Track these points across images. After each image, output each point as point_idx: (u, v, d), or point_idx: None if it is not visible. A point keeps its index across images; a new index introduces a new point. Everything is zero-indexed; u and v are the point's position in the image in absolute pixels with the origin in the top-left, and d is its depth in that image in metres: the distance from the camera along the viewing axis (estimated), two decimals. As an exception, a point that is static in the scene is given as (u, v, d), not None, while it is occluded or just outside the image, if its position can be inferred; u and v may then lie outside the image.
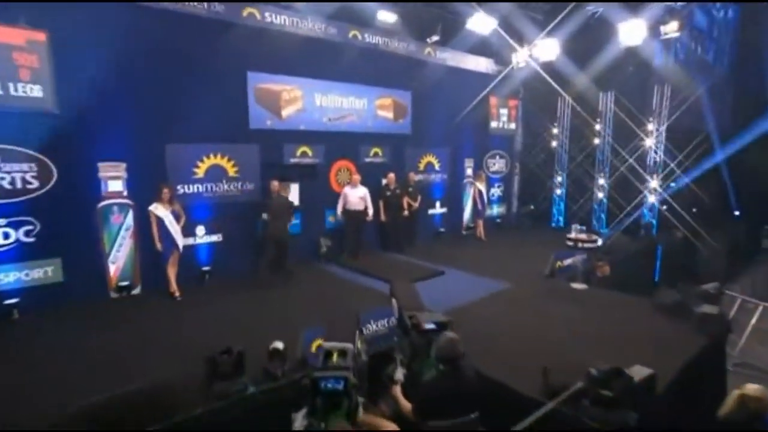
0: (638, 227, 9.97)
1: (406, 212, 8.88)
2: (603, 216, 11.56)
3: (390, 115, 9.40)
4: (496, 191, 11.54)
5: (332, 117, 8.54)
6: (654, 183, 10.21)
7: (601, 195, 11.41)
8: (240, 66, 7.24)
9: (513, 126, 12.12)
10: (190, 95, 6.22)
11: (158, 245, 5.81)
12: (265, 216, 6.80)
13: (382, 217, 8.44)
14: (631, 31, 8.45)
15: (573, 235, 7.04)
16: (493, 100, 11.39)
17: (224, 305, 5.72)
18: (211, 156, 7.19)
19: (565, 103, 11.78)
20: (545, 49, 9.81)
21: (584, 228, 7.35)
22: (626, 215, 10.55)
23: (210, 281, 7.15)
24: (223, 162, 7.37)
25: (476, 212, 10.52)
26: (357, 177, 8.28)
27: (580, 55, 10.07)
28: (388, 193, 8.70)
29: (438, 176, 10.10)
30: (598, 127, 11.25)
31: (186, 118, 6.20)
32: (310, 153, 8.37)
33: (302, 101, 8.16)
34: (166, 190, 5.83)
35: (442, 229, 10.13)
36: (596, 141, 11.44)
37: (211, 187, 7.29)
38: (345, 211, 8.18)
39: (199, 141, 6.60)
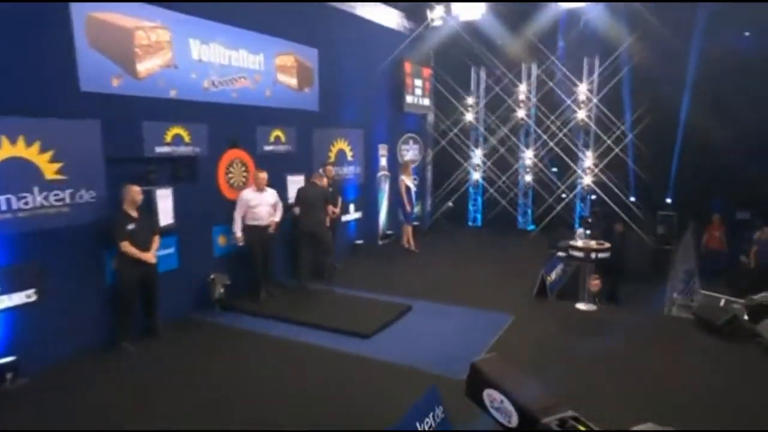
0: (587, 220, 10.36)
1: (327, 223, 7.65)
2: (529, 211, 11.82)
3: (293, 81, 7.84)
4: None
5: (217, 80, 6.42)
6: (588, 161, 10.65)
7: (528, 178, 11.54)
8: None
9: (427, 102, 11.66)
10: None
11: None
12: (296, 210, 6.96)
13: (304, 227, 7.08)
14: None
15: (581, 243, 6.59)
16: (408, 66, 10.74)
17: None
18: (3, 142, 4.37)
19: (485, 72, 11.71)
20: (468, 6, 9.37)
21: (588, 232, 7.02)
22: (555, 202, 10.99)
23: (14, 384, 4.42)
24: (31, 153, 4.61)
25: (404, 215, 9.66)
26: (263, 175, 6.54)
27: (509, 16, 10.00)
28: (309, 192, 7.28)
29: (351, 169, 9.39)
30: (522, 96, 11.37)
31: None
32: (186, 138, 6.10)
33: (171, 50, 5.81)
34: None
35: (359, 241, 9.50)
36: (520, 114, 11.53)
37: (9, 202, 4.47)
38: (248, 227, 6.51)
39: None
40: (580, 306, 6.65)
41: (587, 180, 10.93)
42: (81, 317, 5.19)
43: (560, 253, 8.15)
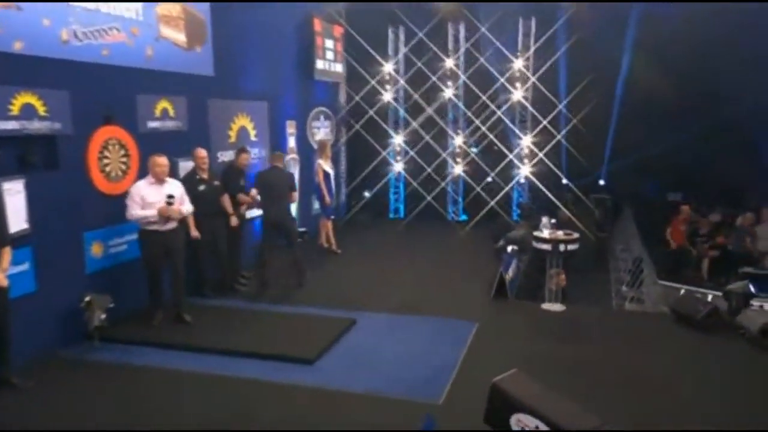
0: (528, 208, 10.74)
1: (234, 219, 7.26)
2: (460, 199, 12.02)
3: (181, 37, 7.27)
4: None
5: (80, 29, 5.62)
6: (527, 140, 11.08)
7: (458, 171, 11.72)
8: None
9: (339, 68, 11.33)
10: None
11: None
12: (256, 196, 7.18)
13: (193, 231, 6.52)
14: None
15: (547, 233, 6.71)
16: (318, 23, 10.38)
17: None
18: None
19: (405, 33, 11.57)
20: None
21: (555, 221, 7.17)
22: (488, 192, 11.30)
23: None
24: None
25: (322, 208, 9.42)
26: (163, 161, 5.85)
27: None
28: (202, 188, 6.79)
29: (255, 153, 8.85)
30: (450, 62, 11.37)
31: None
32: (41, 109, 5.26)
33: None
34: None
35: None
36: (447, 94, 11.60)
37: None
38: (144, 233, 5.90)
39: None
40: (547, 306, 6.80)
41: (525, 170, 11.30)
42: None
43: (511, 247, 8.32)
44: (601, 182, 12.29)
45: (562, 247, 6.60)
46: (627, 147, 11.61)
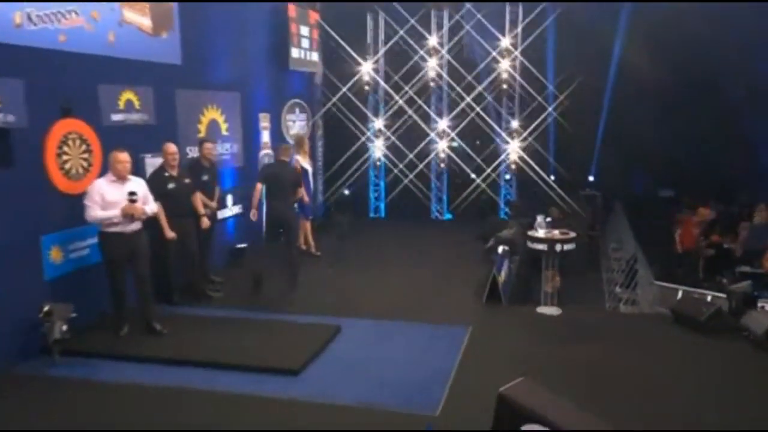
0: (518, 206, 10.78)
1: (205, 221, 7.11)
2: (444, 197, 12.03)
3: (146, 21, 7.12)
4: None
5: (35, 12, 5.50)
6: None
7: (442, 156, 11.72)
8: None
9: (315, 57, 11.34)
10: None
11: None
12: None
13: (168, 232, 6.40)
14: None
15: (542, 233, 6.70)
16: (292, 8, 10.33)
17: None
18: None
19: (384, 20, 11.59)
20: None
21: (550, 219, 7.16)
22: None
23: None
24: None
25: (301, 208, 9.12)
26: (125, 157, 5.70)
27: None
28: (171, 186, 6.64)
29: (227, 147, 8.83)
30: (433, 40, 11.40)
31: None
32: None
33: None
34: None
35: (242, 245, 8.93)
36: (431, 71, 11.64)
37: None
38: (106, 236, 5.70)
39: None
40: (543, 310, 6.79)
41: (513, 155, 11.34)
42: None
43: (502, 248, 8.31)
44: (591, 178, 12.41)
45: (558, 247, 6.56)
46: (617, 140, 11.75)
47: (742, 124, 11.26)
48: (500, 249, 8.29)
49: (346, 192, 11.70)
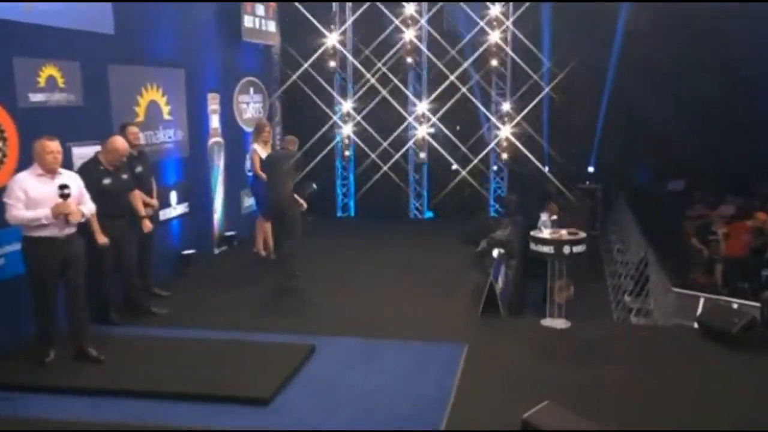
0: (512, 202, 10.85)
1: (147, 223, 7.11)
2: (424, 193, 12.05)
3: None
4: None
5: None
6: (506, 130, 11.27)
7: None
8: None
9: (272, 27, 11.32)
10: None
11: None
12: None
13: (100, 237, 6.26)
14: None
15: (547, 233, 6.72)
16: None
17: None
18: None
19: None
20: None
21: (555, 218, 7.19)
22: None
23: None
24: None
25: (259, 206, 9.41)
26: (54, 145, 5.51)
27: None
28: (107, 181, 6.51)
29: (169, 134, 8.77)
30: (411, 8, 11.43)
31: None
32: None
33: None
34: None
35: (188, 251, 8.95)
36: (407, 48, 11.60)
37: None
38: (35, 240, 5.50)
39: None
40: (549, 323, 6.77)
41: (505, 131, 11.41)
42: None
43: (497, 251, 8.33)
44: (590, 169, 12.58)
45: (566, 250, 6.58)
46: (621, 125, 11.92)
47: (761, 107, 11.53)
48: (495, 252, 8.32)
49: (314, 186, 11.55)
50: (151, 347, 6.12)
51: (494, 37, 11.29)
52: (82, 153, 6.71)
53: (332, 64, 11.82)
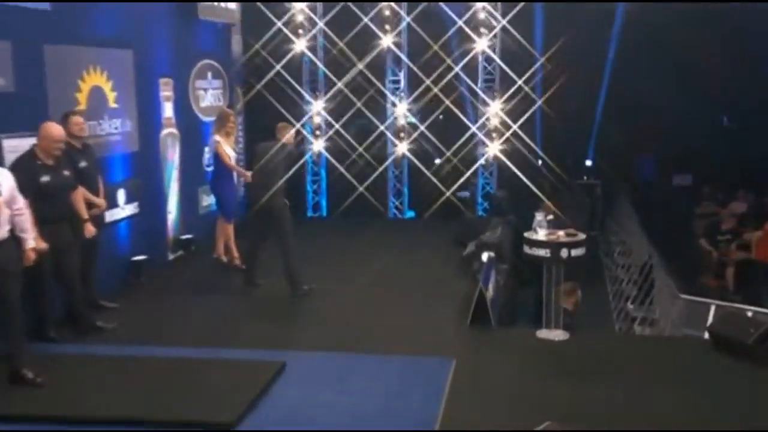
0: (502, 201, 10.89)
1: (90, 227, 7.01)
2: (405, 191, 12.06)
3: None
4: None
5: None
6: (495, 106, 11.26)
7: (402, 150, 11.85)
8: None
9: (232, 5, 11.43)
10: None
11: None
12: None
13: (38, 242, 6.13)
14: None
15: (543, 234, 6.71)
16: None
17: None
18: None
19: None
20: None
21: (551, 217, 7.23)
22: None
23: None
24: None
25: (220, 208, 9.48)
26: None
27: None
28: (45, 179, 6.43)
29: (115, 125, 8.73)
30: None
31: None
32: None
33: None
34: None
35: (140, 257, 8.95)
36: (386, 41, 11.57)
37: None
38: None
39: None
40: (546, 334, 6.75)
41: (494, 147, 11.41)
42: None
43: (487, 254, 8.34)
44: (588, 163, 12.65)
45: (564, 253, 6.57)
46: (621, 115, 11.99)
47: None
48: (484, 256, 8.33)
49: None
50: (96, 367, 6.09)
51: (481, 13, 11.31)
52: (14, 145, 6.62)
53: (300, 31, 11.67)
